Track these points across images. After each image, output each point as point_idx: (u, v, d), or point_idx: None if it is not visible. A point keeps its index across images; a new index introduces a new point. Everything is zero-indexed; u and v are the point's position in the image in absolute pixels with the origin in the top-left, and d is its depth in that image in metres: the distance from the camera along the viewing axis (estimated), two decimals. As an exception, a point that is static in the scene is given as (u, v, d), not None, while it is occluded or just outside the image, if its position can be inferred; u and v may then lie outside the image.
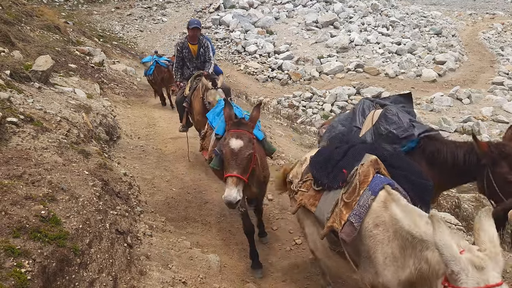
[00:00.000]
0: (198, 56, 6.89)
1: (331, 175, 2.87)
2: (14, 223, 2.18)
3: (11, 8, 10.90)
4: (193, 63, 6.93)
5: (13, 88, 4.60)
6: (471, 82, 19.98)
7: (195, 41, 6.76)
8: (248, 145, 3.44)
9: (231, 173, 3.36)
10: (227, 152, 3.42)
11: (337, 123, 4.22)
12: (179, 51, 6.80)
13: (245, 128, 3.57)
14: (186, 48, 6.77)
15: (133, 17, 27.11)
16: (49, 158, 3.40)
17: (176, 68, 6.98)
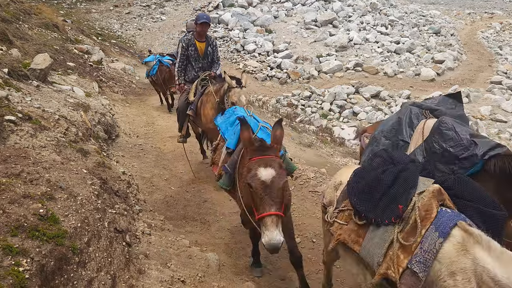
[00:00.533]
0: (206, 56, 6.23)
1: (379, 207, 2.40)
2: (12, 221, 2.17)
3: (9, 6, 10.85)
4: (199, 63, 6.23)
5: (11, 86, 4.58)
6: (469, 81, 20.00)
7: (203, 38, 6.14)
8: (280, 173, 2.84)
9: (269, 212, 2.73)
10: (258, 186, 2.77)
11: (380, 134, 3.63)
12: (184, 48, 6.11)
13: (271, 152, 2.95)
14: (192, 45, 6.09)
15: (131, 16, 27.05)
16: (48, 156, 3.38)
17: (179, 68, 6.25)
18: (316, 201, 5.54)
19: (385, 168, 2.60)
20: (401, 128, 3.56)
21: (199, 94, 5.99)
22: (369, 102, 17.89)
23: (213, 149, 4.42)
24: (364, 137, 4.03)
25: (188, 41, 6.11)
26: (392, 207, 2.32)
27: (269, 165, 2.83)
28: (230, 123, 4.17)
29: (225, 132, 4.16)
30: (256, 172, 2.81)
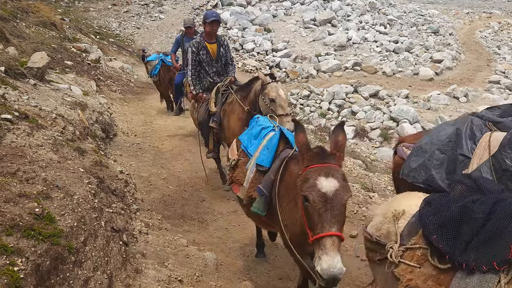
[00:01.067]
0: (219, 58, 5.64)
1: (471, 248, 1.85)
2: (7, 220, 2.15)
3: (6, 4, 10.82)
4: (212, 67, 5.65)
5: (7, 84, 4.57)
6: (468, 81, 20.02)
7: (213, 39, 5.57)
8: (344, 186, 2.35)
9: (329, 232, 2.20)
10: (317, 199, 2.26)
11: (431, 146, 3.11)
12: (195, 53, 5.49)
13: (333, 161, 2.43)
14: (203, 48, 5.49)
15: (130, 14, 26.98)
16: (44, 155, 3.36)
17: (193, 76, 5.61)
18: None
19: (474, 198, 2.04)
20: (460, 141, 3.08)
21: (220, 103, 5.44)
22: (368, 101, 17.88)
23: (232, 166, 3.71)
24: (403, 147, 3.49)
25: (198, 44, 5.50)
26: (492, 249, 1.78)
27: (332, 175, 2.33)
28: (254, 135, 3.57)
29: (248, 146, 3.55)
30: (315, 182, 2.31)
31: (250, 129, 3.75)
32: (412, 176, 3.04)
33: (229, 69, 5.81)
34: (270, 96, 4.60)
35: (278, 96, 4.59)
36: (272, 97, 4.58)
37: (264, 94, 4.68)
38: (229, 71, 5.79)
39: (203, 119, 5.60)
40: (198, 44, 5.52)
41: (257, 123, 3.71)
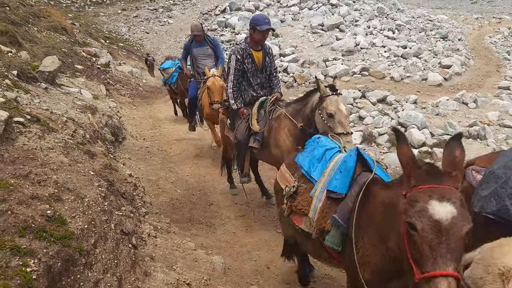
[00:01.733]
0: (263, 68, 4.96)
1: None
2: (20, 222, 2.19)
3: (18, 9, 10.97)
4: (257, 78, 4.95)
5: (20, 88, 4.63)
6: (477, 87, 19.88)
7: (259, 46, 4.88)
8: (464, 213, 1.86)
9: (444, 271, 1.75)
10: (428, 227, 1.82)
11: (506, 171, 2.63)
12: (239, 61, 4.76)
13: (448, 181, 1.96)
14: (249, 56, 4.79)
15: (139, 19, 27.24)
16: (55, 158, 3.41)
17: (234, 88, 4.87)
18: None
19: None
20: None
21: (264, 119, 4.78)
22: (376, 106, 17.81)
23: (291, 194, 3.13)
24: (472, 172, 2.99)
25: (243, 51, 4.77)
26: None
27: (448, 199, 1.86)
28: (317, 158, 3.12)
29: (310, 170, 3.08)
30: (426, 206, 1.85)
31: (311, 151, 3.23)
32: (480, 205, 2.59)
33: (274, 83, 5.14)
34: (329, 111, 3.99)
35: (337, 111, 3.96)
36: (331, 112, 3.97)
37: (321, 108, 4.08)
38: (273, 85, 5.12)
39: (242, 138, 4.87)
40: (243, 51, 4.77)
41: (319, 144, 3.24)
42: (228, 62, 4.89)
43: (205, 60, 7.51)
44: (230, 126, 5.25)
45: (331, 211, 2.73)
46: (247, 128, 4.86)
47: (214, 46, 7.59)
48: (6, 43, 6.33)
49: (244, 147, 4.93)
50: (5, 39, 6.44)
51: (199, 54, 7.54)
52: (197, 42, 7.51)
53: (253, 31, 4.73)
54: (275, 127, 4.66)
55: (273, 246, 4.67)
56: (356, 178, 2.72)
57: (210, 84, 6.28)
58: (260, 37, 4.74)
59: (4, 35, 6.48)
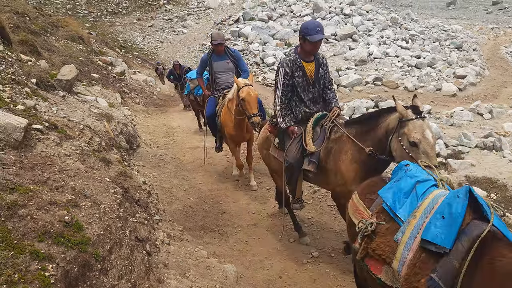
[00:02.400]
0: (316, 81, 4.30)
1: None
2: (39, 227, 2.23)
3: (37, 19, 11.24)
4: (308, 92, 4.31)
5: (38, 96, 4.73)
6: (492, 97, 19.66)
7: (312, 57, 4.25)
8: None
9: None
10: None
11: None
12: (287, 75, 4.17)
13: None
14: (299, 69, 4.19)
15: (154, 29, 27.66)
16: (72, 165, 3.47)
17: (283, 104, 4.31)
18: (335, 215, 5.50)
19: None
20: None
21: (321, 138, 4.15)
22: (389, 116, 17.73)
23: (364, 233, 2.54)
24: None
25: (293, 63, 4.17)
26: None
27: None
28: (405, 191, 2.50)
29: (395, 206, 2.46)
30: None
31: (397, 181, 2.62)
32: None
33: (330, 96, 4.45)
34: (412, 139, 3.33)
35: (423, 139, 3.32)
36: (415, 141, 3.32)
37: (402, 134, 3.44)
38: (329, 98, 4.44)
39: (294, 160, 4.24)
40: (293, 63, 4.18)
41: (408, 174, 2.62)
42: (276, 76, 4.29)
43: (226, 75, 6.69)
44: (278, 146, 4.58)
45: (427, 268, 2.09)
46: (300, 148, 4.23)
47: (235, 59, 6.68)
48: (26, 52, 6.49)
49: (296, 170, 4.30)
50: (25, 48, 6.61)
51: (219, 69, 6.66)
52: (217, 55, 6.59)
53: (303, 41, 4.11)
54: (335, 149, 4.02)
55: (285, 255, 4.67)
56: (464, 228, 2.06)
57: (245, 95, 5.44)
58: (311, 47, 4.09)
59: (24, 44, 6.64)
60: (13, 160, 2.91)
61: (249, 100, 5.46)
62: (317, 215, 5.60)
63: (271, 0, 32.21)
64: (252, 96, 5.50)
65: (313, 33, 3.97)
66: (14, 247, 2.01)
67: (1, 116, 3.23)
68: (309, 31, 3.99)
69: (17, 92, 4.20)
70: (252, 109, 5.48)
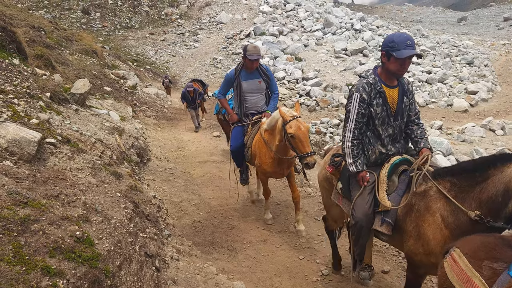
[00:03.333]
0: (399, 113, 3.34)
1: None
2: (51, 242, 2.24)
3: (53, 33, 11.48)
4: (388, 127, 3.34)
5: (52, 110, 4.80)
6: (504, 113, 19.47)
7: (395, 81, 3.32)
8: None
9: None
10: None
11: None
12: (364, 102, 3.23)
13: None
14: (379, 95, 3.25)
15: (166, 43, 28.03)
16: (84, 178, 3.49)
17: (356, 142, 3.32)
18: (344, 231, 5.44)
19: None
20: None
21: (399, 192, 3.16)
22: (400, 132, 17.63)
23: None
24: None
25: (371, 87, 3.23)
26: None
27: None
28: None
29: None
30: None
31: None
32: None
33: (417, 133, 3.45)
34: None
35: None
36: None
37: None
38: (416, 136, 3.44)
39: (364, 217, 3.24)
40: (372, 87, 3.24)
41: None
42: (348, 103, 3.31)
43: (256, 97, 5.65)
44: (343, 192, 3.66)
45: None
46: (372, 202, 3.26)
47: (268, 78, 5.62)
48: (41, 66, 6.61)
49: (365, 231, 3.30)
50: (40, 62, 6.73)
51: (249, 89, 5.58)
52: (247, 73, 5.54)
53: (386, 59, 3.17)
54: (419, 207, 3.00)
55: (294, 273, 4.61)
56: None
57: (295, 131, 4.41)
58: (397, 67, 3.13)
59: (39, 58, 6.77)
60: (26, 174, 2.94)
61: (300, 137, 4.43)
62: (327, 232, 5.55)
63: (282, 15, 32.51)
64: (303, 131, 4.47)
65: (402, 48, 3.05)
66: (25, 262, 2.02)
67: (16, 130, 3.28)
68: (396, 45, 3.08)
69: (32, 106, 4.26)
70: (305, 147, 4.43)
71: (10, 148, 3.09)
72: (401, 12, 57.98)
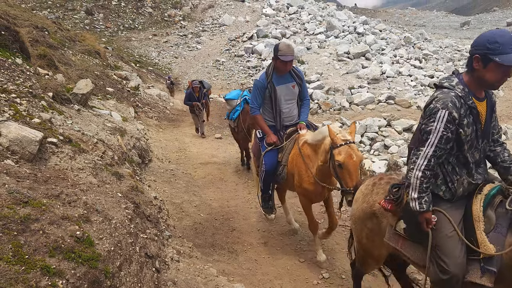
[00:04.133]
0: (487, 131, 2.68)
1: None
2: (51, 242, 2.23)
3: (56, 34, 11.50)
4: (475, 151, 2.66)
5: (54, 109, 4.80)
6: (507, 118, 19.45)
7: (483, 92, 2.65)
8: None
9: None
10: None
11: None
12: (452, 123, 2.50)
13: None
14: (470, 112, 2.55)
15: (169, 44, 28.09)
16: (85, 178, 3.49)
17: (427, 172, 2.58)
18: (346, 235, 5.42)
19: None
20: None
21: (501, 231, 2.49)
22: (401, 135, 17.61)
23: None
24: None
25: (462, 102, 2.53)
26: None
27: None
28: None
29: None
30: None
31: None
32: None
33: (503, 156, 2.79)
34: None
35: None
36: None
37: None
38: (504, 160, 2.78)
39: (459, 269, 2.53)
40: (462, 102, 2.53)
41: None
42: (427, 121, 2.55)
43: (290, 104, 4.81)
44: (408, 235, 2.89)
45: None
46: (465, 248, 2.55)
47: (300, 81, 4.80)
48: (44, 66, 6.62)
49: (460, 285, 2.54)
50: (43, 62, 6.74)
51: (284, 96, 4.71)
52: (279, 76, 4.67)
53: (482, 65, 2.45)
54: None
55: (295, 276, 4.59)
56: None
57: (344, 159, 3.69)
58: (500, 77, 2.43)
59: (42, 58, 6.78)
60: (27, 173, 2.93)
61: (349, 168, 3.70)
62: (328, 235, 5.52)
63: (285, 18, 32.56)
64: (354, 161, 3.71)
65: (509, 51, 2.32)
66: (25, 262, 2.01)
67: (17, 129, 3.27)
68: (500, 47, 2.33)
69: (34, 105, 4.26)
70: (353, 180, 3.69)
71: (11, 147, 3.09)
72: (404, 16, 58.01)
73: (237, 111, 7.64)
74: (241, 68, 25.16)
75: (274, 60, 4.56)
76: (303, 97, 4.89)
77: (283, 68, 4.56)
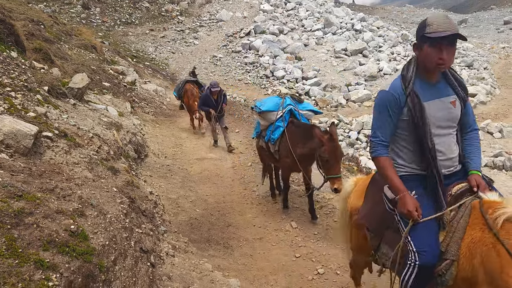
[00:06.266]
0: None
1: None
2: (45, 236, 2.22)
3: (52, 27, 11.43)
4: None
5: (50, 103, 4.77)
6: (503, 116, 19.49)
7: None
8: None
9: None
10: None
11: None
12: None
13: None
14: None
15: (166, 39, 27.93)
16: (80, 173, 3.47)
17: None
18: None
19: None
20: None
21: None
22: (398, 132, 17.64)
23: None
24: None
25: None
26: None
27: None
28: None
29: None
30: None
31: None
32: None
33: None
34: None
35: None
36: None
37: None
38: None
39: None
40: None
41: None
42: None
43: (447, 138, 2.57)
44: None
45: None
46: None
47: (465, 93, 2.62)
48: (40, 60, 6.57)
49: None
50: (39, 56, 6.69)
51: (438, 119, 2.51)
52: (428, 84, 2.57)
53: None
54: None
55: (290, 271, 4.61)
56: None
57: None
58: None
59: (38, 52, 6.73)
60: (21, 167, 2.91)
61: None
62: (323, 230, 5.54)
63: (282, 14, 32.45)
64: None
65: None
66: (18, 255, 2.00)
67: (12, 122, 3.25)
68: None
69: (29, 99, 4.24)
70: None
71: (6, 141, 3.07)
72: (401, 13, 57.96)
73: (279, 128, 5.59)
74: (238, 64, 25.06)
75: (418, 49, 2.55)
76: (468, 124, 2.69)
77: (436, 62, 2.42)
